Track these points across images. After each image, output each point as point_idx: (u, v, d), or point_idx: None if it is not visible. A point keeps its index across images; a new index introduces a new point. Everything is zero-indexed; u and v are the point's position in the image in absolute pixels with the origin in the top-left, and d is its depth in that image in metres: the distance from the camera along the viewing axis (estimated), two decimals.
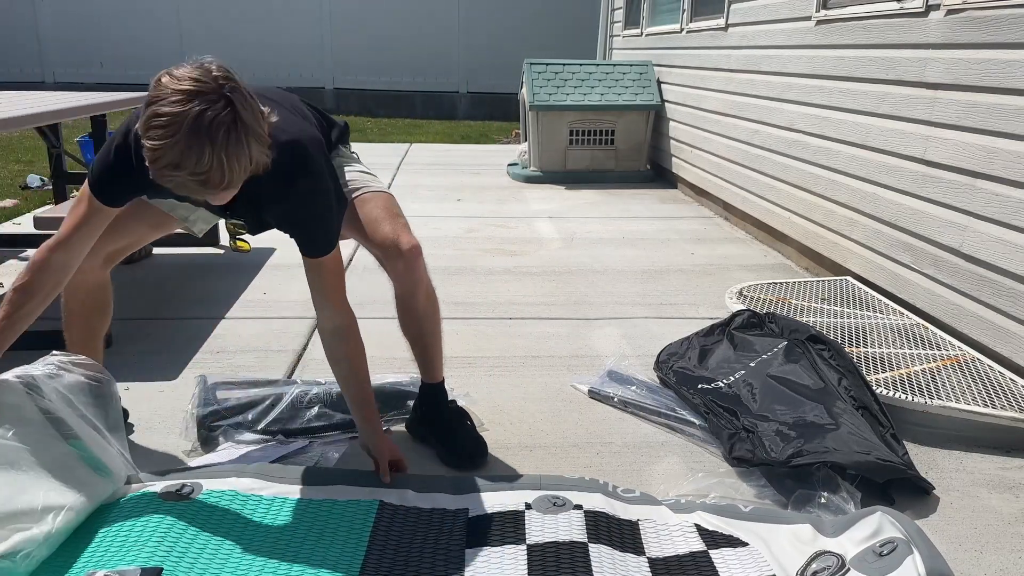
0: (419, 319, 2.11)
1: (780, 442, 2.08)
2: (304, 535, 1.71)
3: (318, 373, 2.64)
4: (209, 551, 1.62)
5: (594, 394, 2.55)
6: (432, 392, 2.21)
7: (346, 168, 2.13)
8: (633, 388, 2.55)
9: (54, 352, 1.90)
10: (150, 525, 1.67)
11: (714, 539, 1.74)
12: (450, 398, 2.28)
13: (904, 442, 2.18)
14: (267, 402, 2.27)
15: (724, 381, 2.44)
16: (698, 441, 2.28)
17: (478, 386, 2.59)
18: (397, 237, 1.99)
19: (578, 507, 1.80)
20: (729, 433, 2.19)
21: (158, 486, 1.84)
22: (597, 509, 1.80)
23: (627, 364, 2.75)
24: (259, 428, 2.21)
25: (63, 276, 1.83)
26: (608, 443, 2.26)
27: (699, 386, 2.45)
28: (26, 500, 1.60)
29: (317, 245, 1.80)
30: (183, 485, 1.84)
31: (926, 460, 2.19)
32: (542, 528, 1.72)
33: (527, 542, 1.68)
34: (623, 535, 1.73)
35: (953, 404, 2.26)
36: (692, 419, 2.35)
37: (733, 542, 1.72)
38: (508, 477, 2.00)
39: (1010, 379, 2.45)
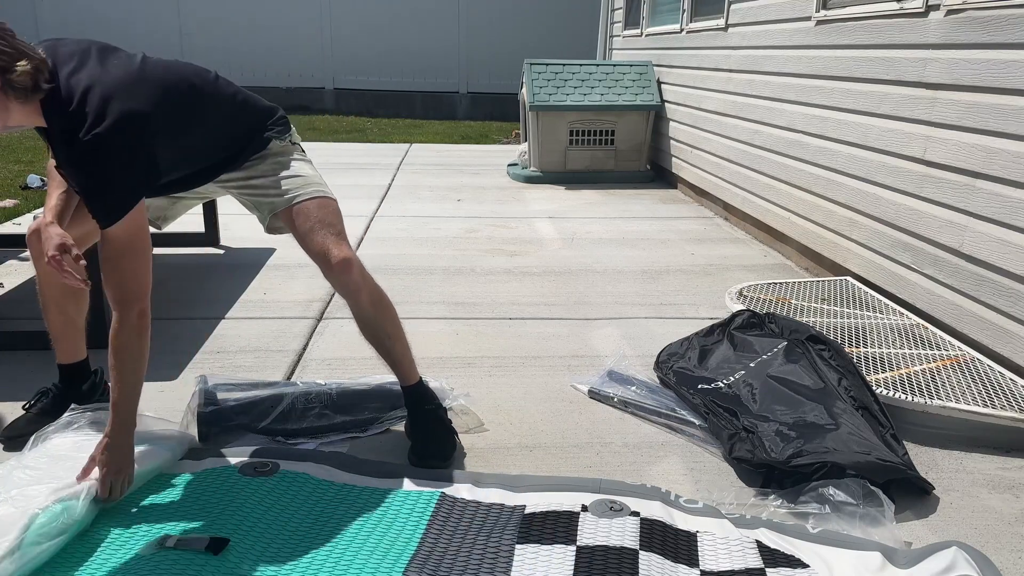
0: (370, 325, 2.10)
1: (780, 442, 2.08)
2: (364, 521, 1.80)
3: (318, 374, 2.64)
4: (274, 529, 1.75)
5: (594, 394, 2.55)
6: (407, 394, 2.20)
7: (293, 166, 2.10)
8: (633, 388, 2.55)
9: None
10: (226, 498, 1.83)
11: (774, 557, 1.68)
12: (448, 398, 2.28)
13: (904, 442, 2.18)
14: (268, 403, 2.27)
15: (724, 381, 2.44)
16: (698, 441, 2.28)
17: (478, 386, 2.59)
18: (326, 251, 2.00)
19: (635, 514, 1.79)
20: (729, 433, 2.19)
21: (239, 462, 2.00)
22: (654, 517, 1.78)
23: (627, 364, 2.75)
24: (259, 428, 2.21)
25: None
26: (608, 443, 2.26)
27: (699, 386, 2.45)
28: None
29: (94, 209, 1.74)
30: (262, 463, 1.99)
31: (926, 460, 2.19)
32: (595, 531, 1.72)
33: (577, 544, 1.68)
34: (678, 546, 1.70)
35: (953, 404, 2.26)
36: (692, 419, 2.35)
37: (793, 562, 1.67)
38: (569, 478, 2.00)
39: (1010, 379, 2.45)
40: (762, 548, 1.71)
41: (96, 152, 1.69)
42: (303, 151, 2.20)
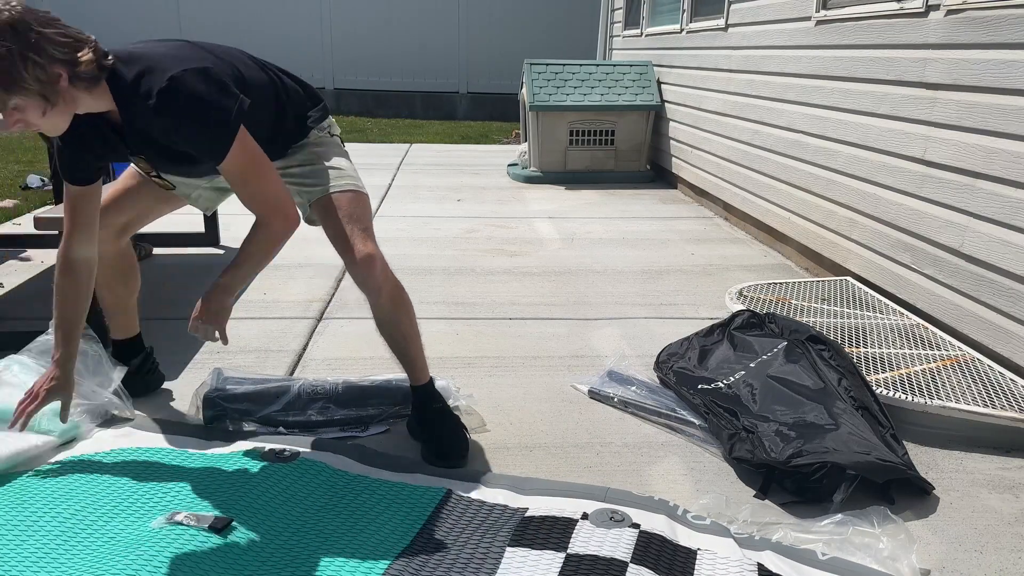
0: (387, 323, 2.11)
1: (780, 442, 2.08)
2: (367, 512, 1.84)
3: (318, 374, 2.64)
4: (280, 513, 1.81)
5: (594, 394, 2.55)
6: (416, 394, 2.20)
7: (329, 156, 2.12)
8: (633, 388, 2.55)
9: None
10: (242, 479, 1.92)
11: None
12: (453, 397, 2.29)
13: (904, 442, 2.18)
14: (273, 393, 2.30)
15: (724, 381, 2.44)
16: (698, 441, 2.28)
17: (478, 386, 2.59)
18: (351, 245, 2.00)
19: (635, 526, 1.75)
20: (729, 433, 2.19)
21: (266, 445, 2.09)
22: (655, 531, 1.74)
23: (627, 364, 2.75)
24: (260, 416, 2.24)
25: (89, 267, 2.00)
26: (608, 443, 2.26)
27: (699, 386, 2.45)
28: None
29: (200, 151, 1.79)
30: (283, 449, 2.07)
31: (926, 460, 2.19)
32: (588, 540, 1.69)
33: (568, 551, 1.66)
34: (673, 563, 1.65)
35: (953, 404, 2.26)
36: (692, 419, 2.35)
37: None
38: (578, 484, 1.98)
39: (1010, 379, 2.45)
40: (762, 572, 1.65)
41: (178, 93, 1.69)
42: (341, 143, 2.20)
